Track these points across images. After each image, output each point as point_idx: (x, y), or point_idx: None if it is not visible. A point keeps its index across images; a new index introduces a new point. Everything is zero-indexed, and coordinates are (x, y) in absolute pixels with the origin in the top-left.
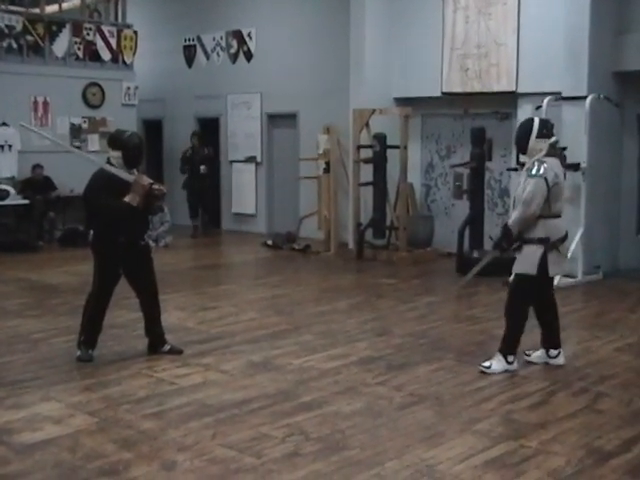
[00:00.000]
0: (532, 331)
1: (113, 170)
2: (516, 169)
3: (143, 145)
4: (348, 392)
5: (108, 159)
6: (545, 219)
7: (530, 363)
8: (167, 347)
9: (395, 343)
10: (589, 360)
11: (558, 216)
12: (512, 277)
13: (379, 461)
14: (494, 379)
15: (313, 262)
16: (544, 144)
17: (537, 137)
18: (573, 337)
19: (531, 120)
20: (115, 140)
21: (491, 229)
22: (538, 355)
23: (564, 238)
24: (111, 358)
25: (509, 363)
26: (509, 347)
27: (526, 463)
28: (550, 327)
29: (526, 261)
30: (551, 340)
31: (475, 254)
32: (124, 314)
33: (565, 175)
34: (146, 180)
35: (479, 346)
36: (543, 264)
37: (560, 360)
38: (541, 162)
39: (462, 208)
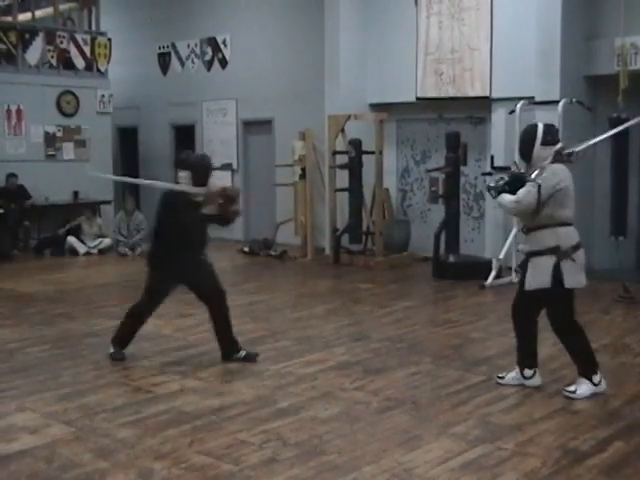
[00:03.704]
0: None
1: (184, 187)
2: (490, 173)
3: (212, 166)
4: (325, 397)
5: (176, 181)
6: (553, 227)
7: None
8: (242, 353)
9: (372, 348)
10: (564, 362)
11: (567, 224)
12: (527, 294)
13: (356, 466)
14: (470, 382)
15: (290, 268)
16: (549, 151)
17: (541, 144)
18: (548, 339)
19: (535, 126)
20: (184, 161)
21: (467, 233)
22: (513, 376)
23: (577, 246)
24: (87, 367)
25: (595, 385)
26: (591, 364)
27: (502, 465)
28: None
29: (537, 274)
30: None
31: (451, 258)
32: (101, 322)
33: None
34: (217, 186)
35: (456, 350)
36: (557, 275)
37: (537, 381)
38: (543, 168)
39: (438, 212)
